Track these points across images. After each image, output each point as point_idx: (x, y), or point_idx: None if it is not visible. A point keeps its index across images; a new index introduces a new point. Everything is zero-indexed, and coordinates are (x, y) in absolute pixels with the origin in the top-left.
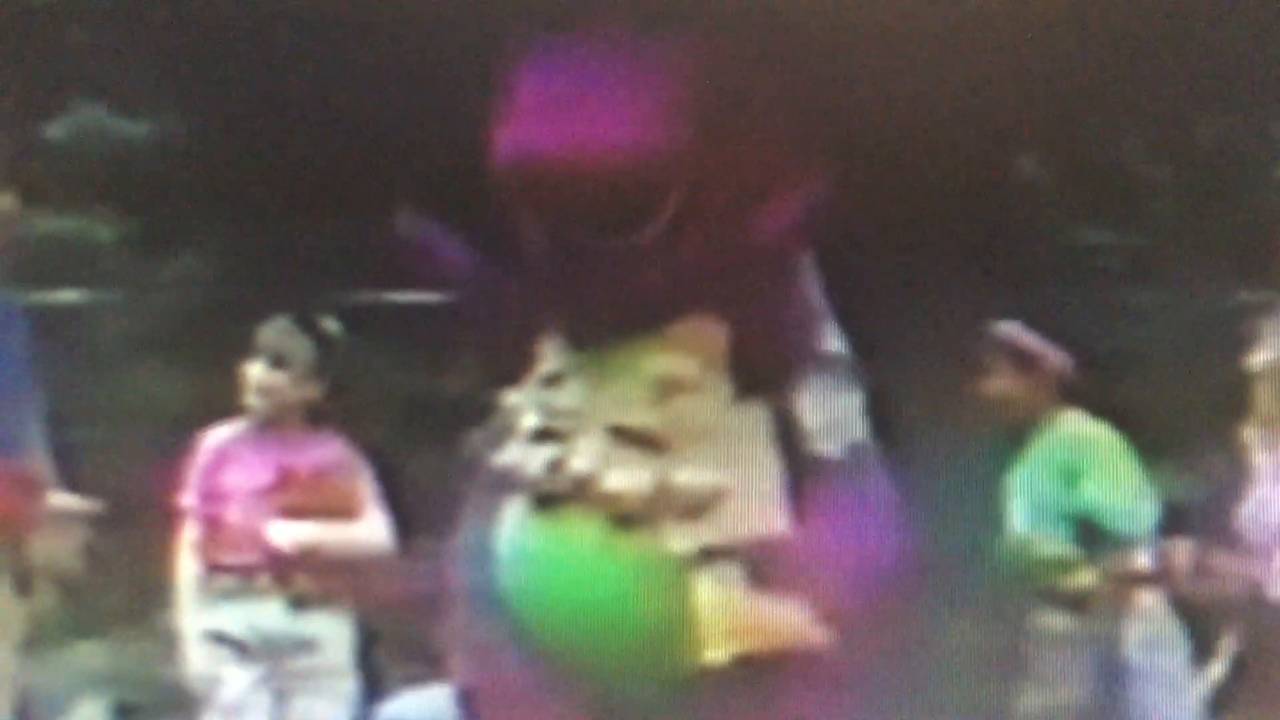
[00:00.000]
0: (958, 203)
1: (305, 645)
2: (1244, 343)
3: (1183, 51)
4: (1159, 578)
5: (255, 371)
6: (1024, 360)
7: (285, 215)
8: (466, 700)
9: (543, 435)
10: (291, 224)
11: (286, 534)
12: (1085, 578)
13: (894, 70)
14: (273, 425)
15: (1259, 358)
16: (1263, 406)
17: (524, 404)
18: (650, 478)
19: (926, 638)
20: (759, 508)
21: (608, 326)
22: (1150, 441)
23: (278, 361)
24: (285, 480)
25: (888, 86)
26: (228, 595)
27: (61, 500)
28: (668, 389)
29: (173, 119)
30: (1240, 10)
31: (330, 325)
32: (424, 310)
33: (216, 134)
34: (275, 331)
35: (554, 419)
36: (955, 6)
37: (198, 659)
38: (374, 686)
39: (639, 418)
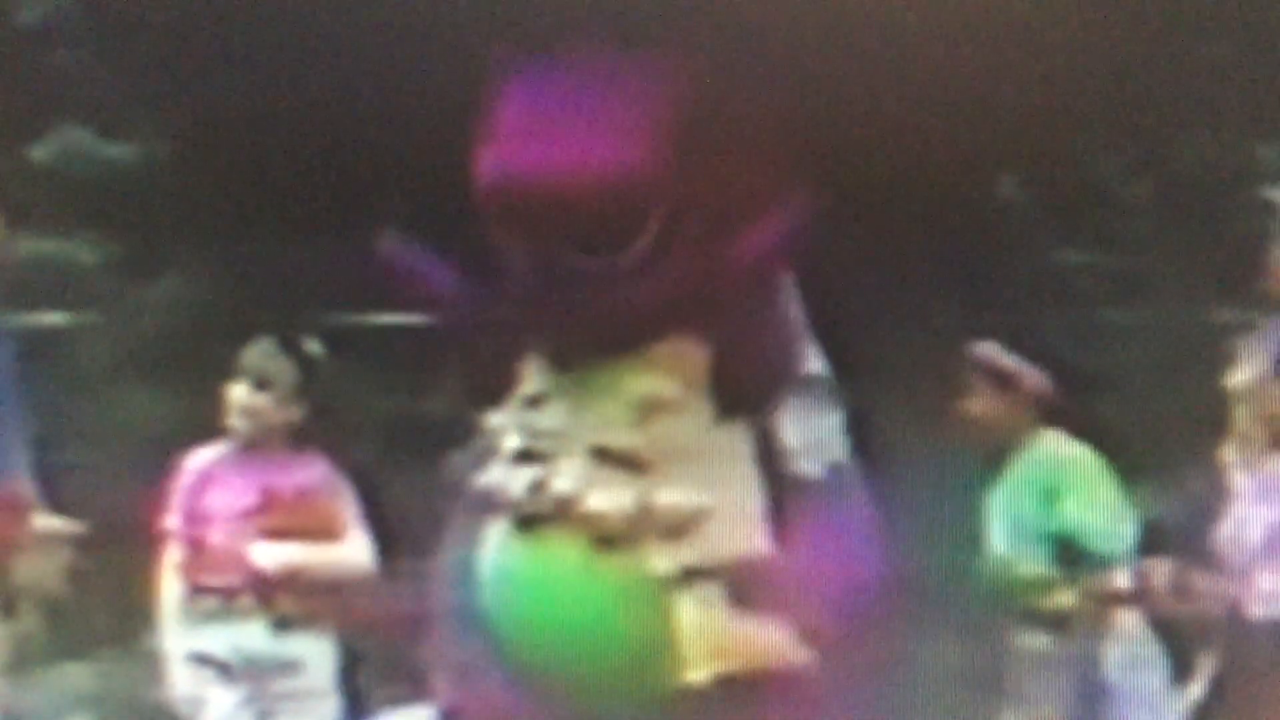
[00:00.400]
0: (938, 223)
1: (288, 666)
2: (1223, 363)
3: (1163, 71)
4: (1138, 598)
5: (238, 393)
6: (1003, 381)
7: (268, 237)
8: None
9: (525, 456)
10: (274, 246)
11: (269, 555)
12: (1064, 598)
13: (876, 92)
14: (256, 447)
15: (1238, 378)
16: (1241, 426)
17: (506, 425)
18: (632, 498)
19: (907, 658)
20: (740, 528)
21: (590, 347)
22: (1129, 461)
23: (261, 383)
24: (268, 502)
25: (869, 108)
26: (211, 617)
27: (46, 522)
28: (649, 410)
29: (157, 141)
30: (1221, 29)
31: (313, 347)
32: (406, 331)
33: (200, 156)
34: (258, 353)
35: (536, 440)
36: (937, 30)
37: (182, 680)
38: (357, 707)
39: (621, 438)
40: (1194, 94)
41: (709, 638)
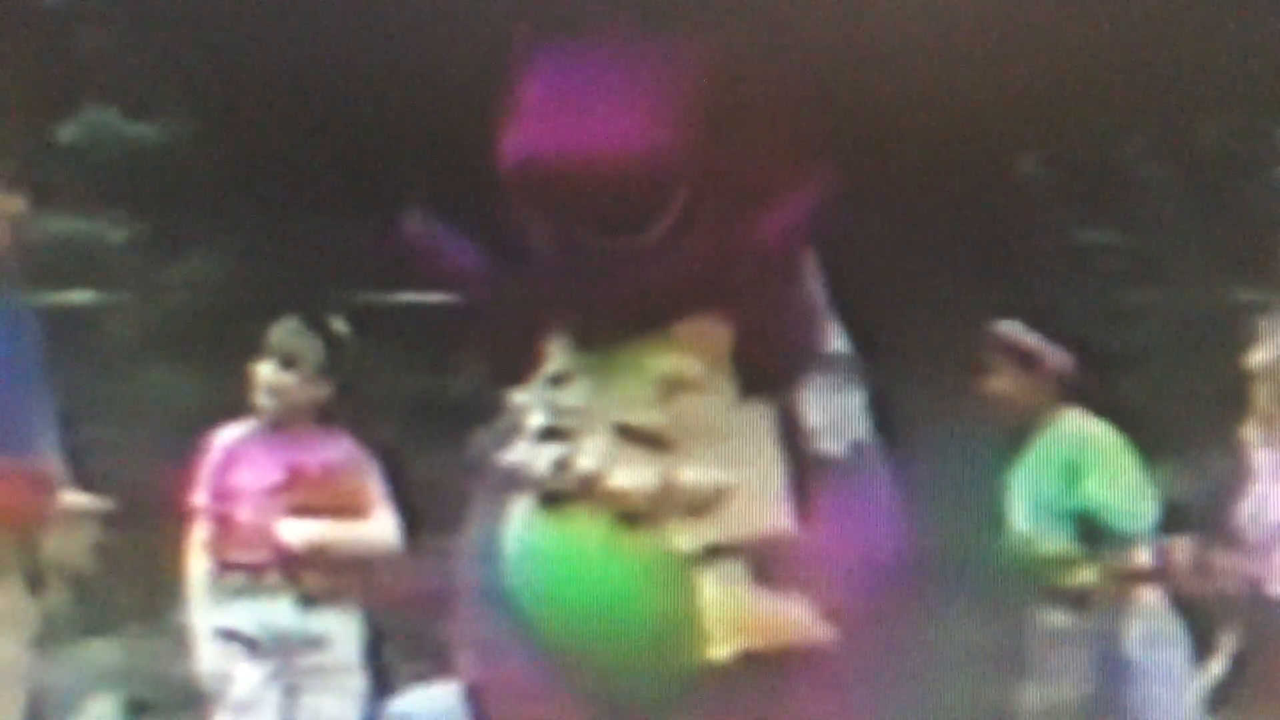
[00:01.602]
0: (960, 202)
1: (315, 642)
2: (1244, 342)
3: (1185, 51)
4: (1159, 575)
5: (265, 371)
6: (1025, 359)
7: (294, 216)
8: (474, 697)
9: (549, 434)
10: (300, 225)
11: (296, 532)
12: (1086, 575)
13: (897, 70)
14: (282, 425)
15: (1259, 357)
16: (1262, 405)
17: (530, 403)
18: (655, 476)
19: (929, 635)
20: (763, 506)
21: (613, 326)
22: (1151, 440)
23: (287, 361)
24: (295, 479)
25: (891, 87)
26: (238, 593)
27: (73, 498)
28: (673, 388)
29: (183, 121)
30: (1243, 11)
31: (339, 325)
32: (432, 310)
33: (226, 136)
34: (285, 332)
35: (560, 418)
36: (959, 8)
37: (209, 656)
38: (383, 683)
39: (644, 417)
40: (1216, 75)
41: (732, 615)
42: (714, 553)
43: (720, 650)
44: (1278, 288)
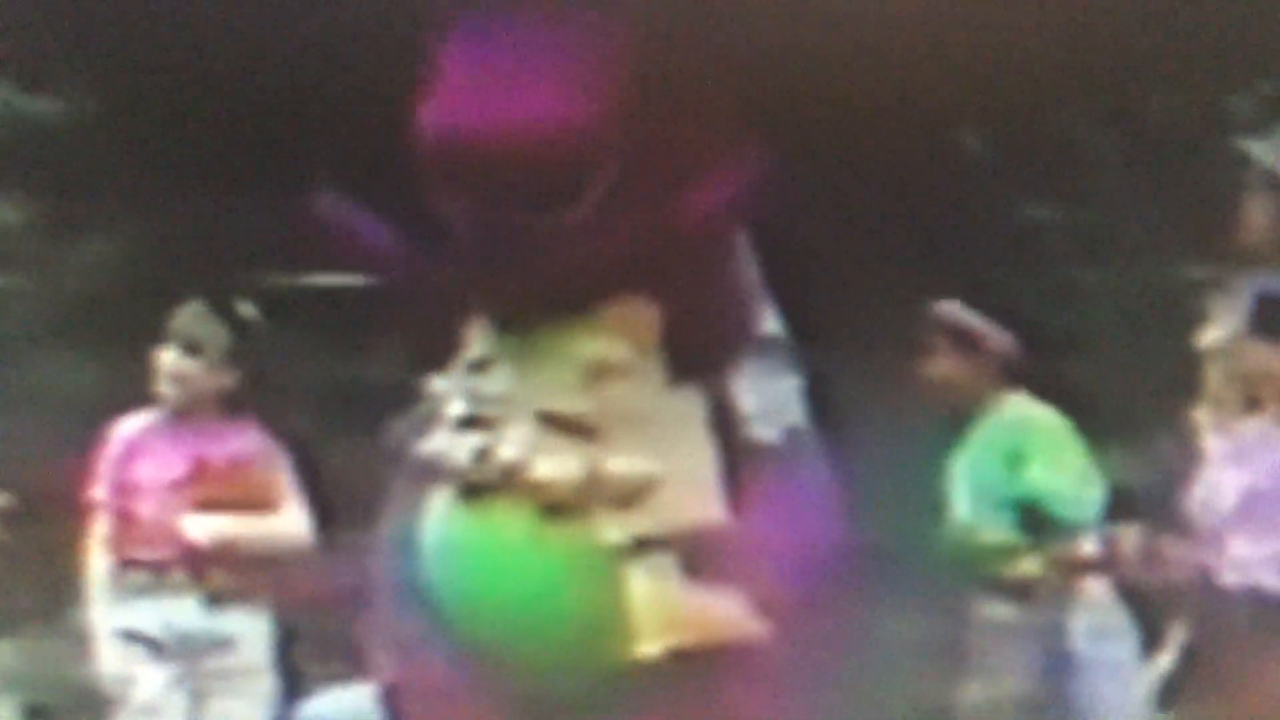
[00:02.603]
0: (898, 178)
1: (222, 643)
2: (1194, 320)
3: (1132, 21)
4: (1105, 565)
5: (168, 358)
6: (966, 341)
7: (200, 195)
8: (390, 698)
9: (469, 422)
10: (205, 205)
11: (201, 528)
12: (1030, 566)
13: (833, 42)
14: (186, 415)
15: (1209, 336)
16: (1213, 387)
17: (449, 390)
18: (581, 466)
19: (867, 629)
20: (693, 496)
21: (536, 309)
22: (1097, 424)
23: (191, 348)
24: (199, 472)
25: (826, 58)
26: (141, 592)
27: None
28: (599, 373)
29: (82, 97)
30: None
31: (246, 310)
32: (345, 293)
33: (128, 112)
34: (189, 317)
35: (481, 405)
36: None
37: (110, 658)
38: (293, 685)
39: (569, 404)
40: (1164, 45)
41: (661, 610)
42: (642, 545)
43: (649, 647)
44: (1230, 263)
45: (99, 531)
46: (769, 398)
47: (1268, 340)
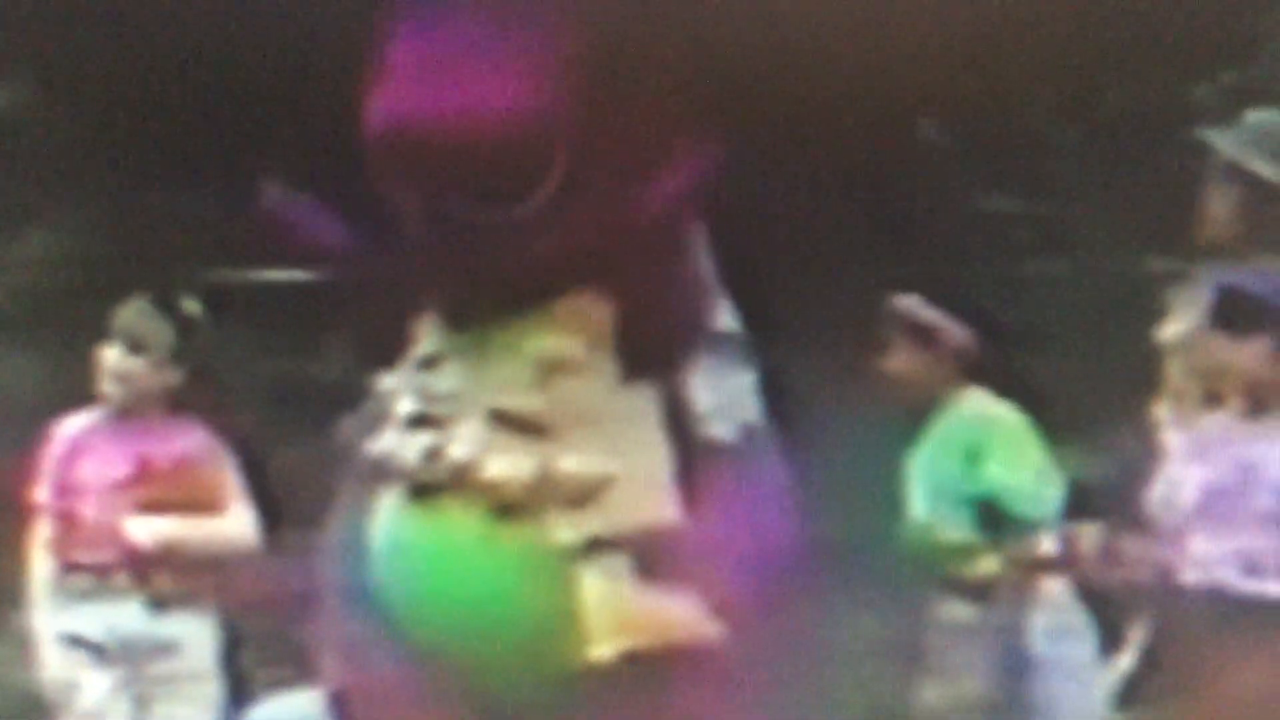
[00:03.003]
0: (855, 170)
1: (166, 648)
2: (1154, 314)
3: (1092, 12)
4: (1064, 564)
5: (111, 357)
6: (924, 336)
7: (142, 189)
8: (338, 704)
9: (419, 421)
10: (149, 199)
11: (145, 529)
12: (988, 565)
13: (789, 30)
14: (130, 414)
15: (1170, 330)
16: (1174, 382)
17: (399, 388)
18: (533, 465)
19: (823, 630)
20: (647, 495)
21: (487, 305)
22: (1056, 420)
23: (135, 346)
24: (143, 472)
25: (783, 47)
26: (84, 595)
27: None
28: (551, 370)
29: (21, 87)
30: None
31: (191, 306)
32: (291, 289)
33: (69, 102)
34: (132, 314)
35: (431, 404)
36: None
37: (53, 663)
38: (239, 690)
39: (521, 401)
40: (1124, 34)
41: (614, 612)
42: (595, 546)
43: (602, 650)
44: (1191, 256)
45: (41, 534)
46: (724, 394)
47: (1229, 334)
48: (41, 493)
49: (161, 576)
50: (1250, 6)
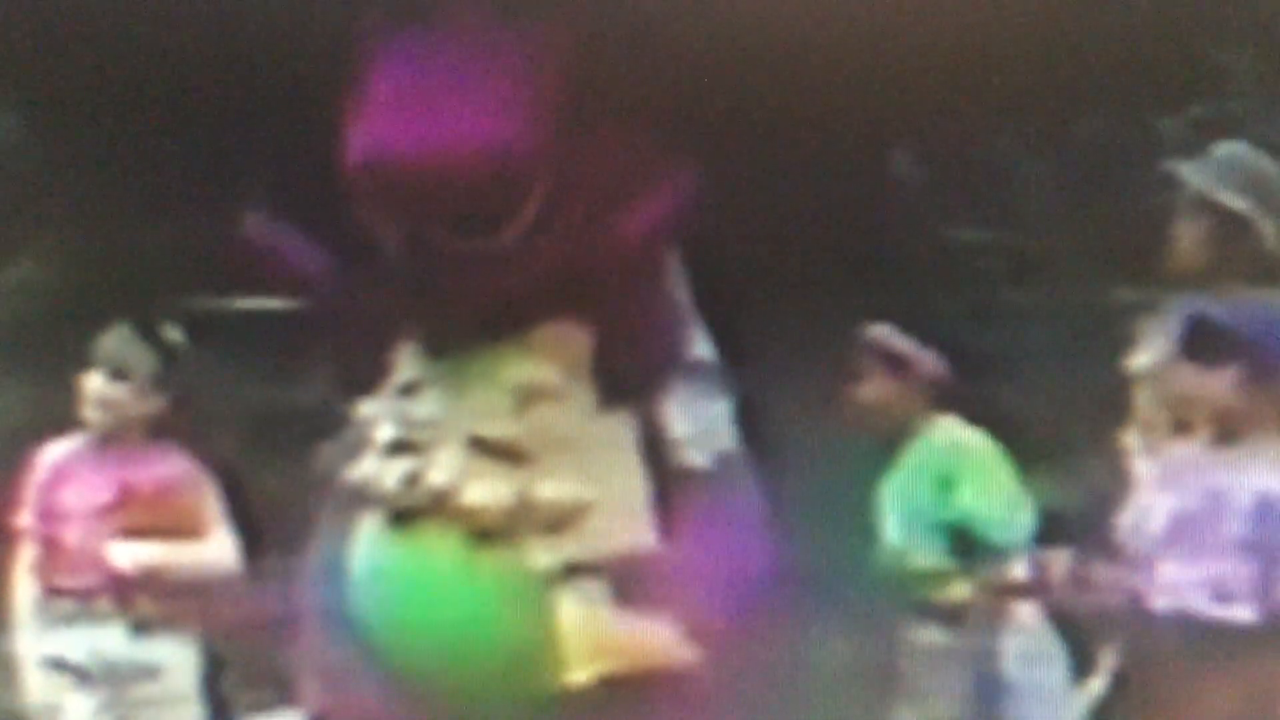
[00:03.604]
0: (828, 201)
1: (148, 671)
2: (1124, 344)
3: (1061, 44)
4: (1036, 589)
5: (94, 383)
6: (897, 364)
7: (126, 217)
8: None
9: (399, 447)
10: (133, 227)
11: (128, 554)
12: (960, 590)
13: (762, 64)
14: (113, 440)
15: (1139, 360)
16: (1143, 411)
17: (379, 415)
18: (511, 491)
19: (797, 654)
20: (624, 521)
21: (467, 332)
22: (1027, 448)
23: (118, 373)
24: (126, 498)
25: (756, 80)
26: (67, 619)
27: None
28: (529, 398)
29: (6, 117)
30: (1123, 3)
31: (173, 334)
32: (274, 317)
33: (53, 132)
34: (115, 341)
35: (411, 430)
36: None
37: (36, 687)
38: (220, 714)
39: (499, 428)
40: (1094, 67)
41: (591, 636)
42: (573, 571)
43: (579, 674)
44: (1160, 287)
45: (24, 559)
46: (700, 422)
47: (1197, 364)
48: (25, 518)
49: (143, 601)
50: (1218, 40)
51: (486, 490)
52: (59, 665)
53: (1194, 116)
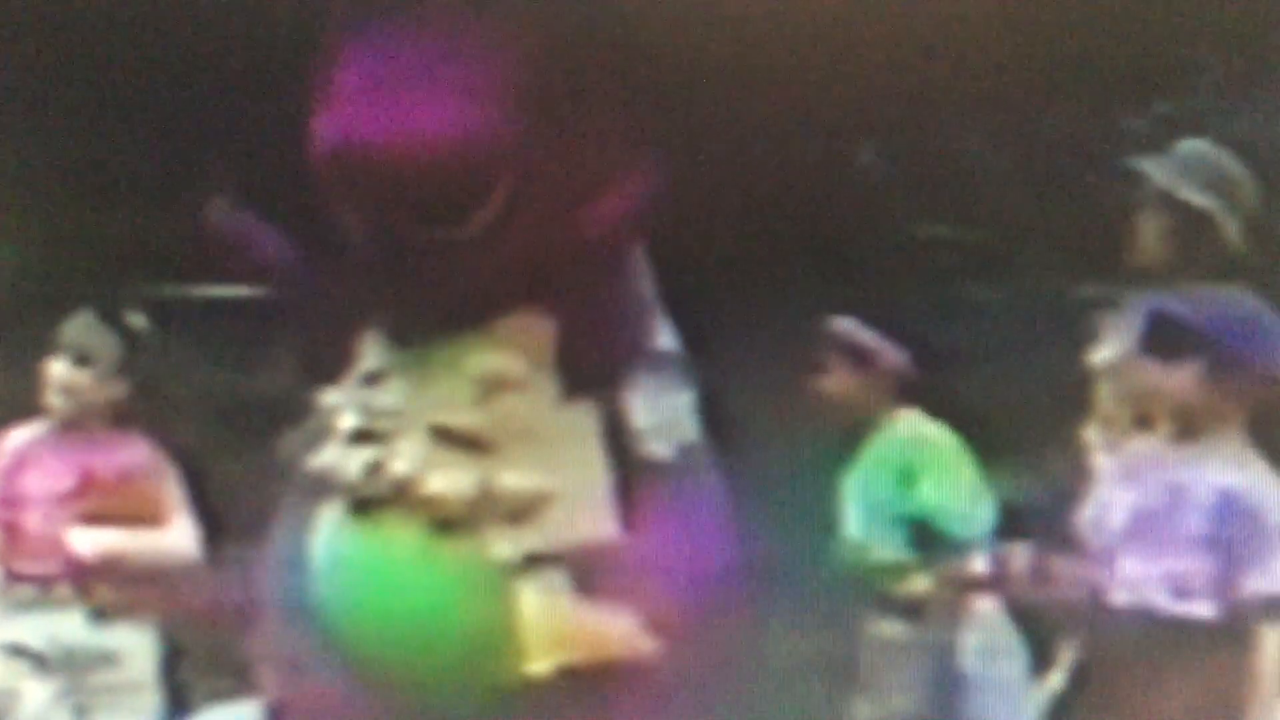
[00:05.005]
0: (793, 194)
1: (107, 658)
2: (1085, 339)
3: (1025, 40)
4: (996, 583)
5: (57, 369)
6: (860, 358)
7: (89, 204)
8: (277, 716)
9: (362, 436)
10: (96, 213)
11: (88, 541)
12: (920, 584)
13: (728, 57)
14: (75, 426)
15: (1100, 355)
16: (1104, 406)
17: (342, 403)
18: (473, 480)
19: (757, 646)
20: (586, 512)
21: (431, 322)
22: (988, 442)
23: (81, 359)
24: (87, 484)
25: (722, 74)
26: (26, 606)
27: None
28: (493, 387)
29: None
30: (1088, 1)
31: (137, 320)
32: (237, 305)
33: (15, 116)
34: (78, 327)
35: (374, 419)
36: None
37: None
38: (179, 702)
39: (462, 418)
40: (1058, 61)
41: (552, 627)
42: (534, 561)
43: (539, 664)
44: (1122, 282)
45: None
46: (662, 413)
47: (1158, 359)
48: None
49: (104, 588)
50: (1183, 37)
51: (448, 480)
52: (17, 651)
53: (1158, 113)
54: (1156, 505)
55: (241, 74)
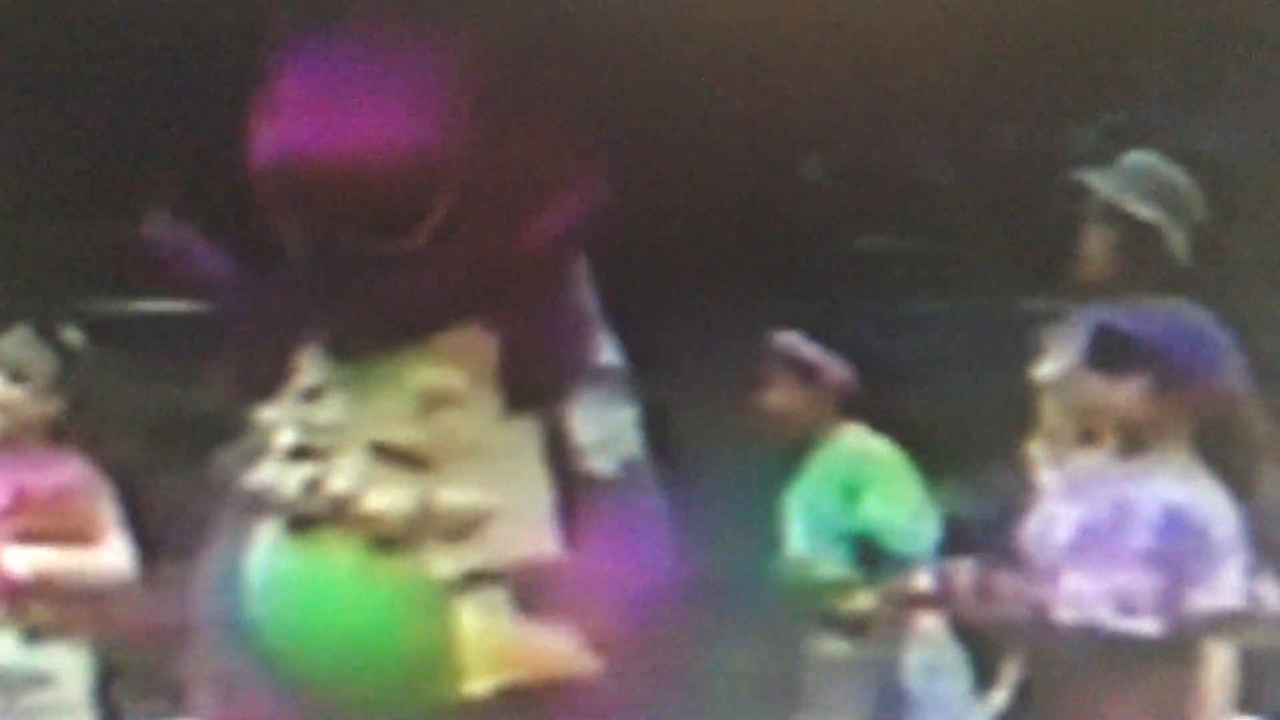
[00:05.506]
0: (738, 208)
1: (39, 679)
2: (1030, 353)
3: (972, 52)
4: (939, 600)
5: None
6: (804, 372)
7: (24, 217)
8: None
9: (299, 453)
10: (31, 227)
11: (21, 560)
12: (864, 601)
13: (674, 70)
14: (10, 444)
15: (1046, 369)
16: (1049, 420)
17: (280, 420)
18: (412, 497)
19: (700, 664)
20: (527, 529)
21: (371, 337)
22: (933, 457)
23: (17, 375)
24: (20, 503)
25: (667, 86)
26: None
27: None
28: (433, 403)
29: None
30: (1032, 10)
31: (72, 336)
32: (174, 320)
33: None
34: (14, 343)
35: (312, 436)
36: (735, 6)
37: None
38: None
39: (402, 434)
40: (1004, 74)
41: (492, 646)
42: (474, 579)
43: (479, 684)
44: (1067, 296)
45: None
46: (605, 429)
47: (1104, 373)
48: None
49: (36, 607)
50: (1129, 49)
51: (387, 497)
52: None
53: (1104, 125)
54: (1102, 521)
55: (180, 86)
